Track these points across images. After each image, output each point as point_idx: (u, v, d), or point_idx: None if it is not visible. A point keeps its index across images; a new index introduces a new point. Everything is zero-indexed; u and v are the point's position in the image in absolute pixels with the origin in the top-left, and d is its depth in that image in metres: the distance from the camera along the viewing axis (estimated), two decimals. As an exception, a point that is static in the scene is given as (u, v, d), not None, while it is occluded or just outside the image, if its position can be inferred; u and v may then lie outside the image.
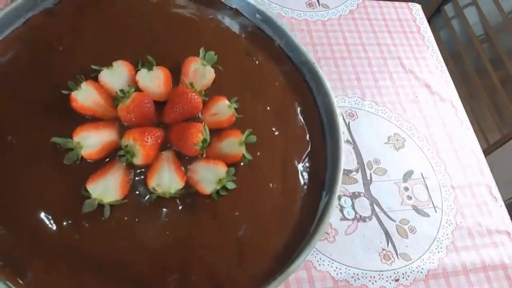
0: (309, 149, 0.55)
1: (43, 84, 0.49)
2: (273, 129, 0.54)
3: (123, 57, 0.50)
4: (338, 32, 0.85)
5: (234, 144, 0.48)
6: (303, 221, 0.50)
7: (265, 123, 0.54)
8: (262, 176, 0.51)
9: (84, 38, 0.53)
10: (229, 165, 0.47)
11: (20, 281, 0.41)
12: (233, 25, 0.60)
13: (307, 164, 0.54)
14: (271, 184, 0.51)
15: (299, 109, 0.57)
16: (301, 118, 0.56)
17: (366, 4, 0.90)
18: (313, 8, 0.87)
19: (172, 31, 0.56)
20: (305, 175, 0.53)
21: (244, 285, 0.46)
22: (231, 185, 0.47)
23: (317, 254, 0.62)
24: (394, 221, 0.68)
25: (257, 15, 0.60)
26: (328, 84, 0.57)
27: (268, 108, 0.55)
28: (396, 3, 0.92)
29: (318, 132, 0.56)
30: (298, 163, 0.53)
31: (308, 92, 0.58)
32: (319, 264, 0.62)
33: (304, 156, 0.54)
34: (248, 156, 0.49)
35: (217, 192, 0.47)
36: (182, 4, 0.59)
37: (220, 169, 0.47)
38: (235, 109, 0.51)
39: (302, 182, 0.52)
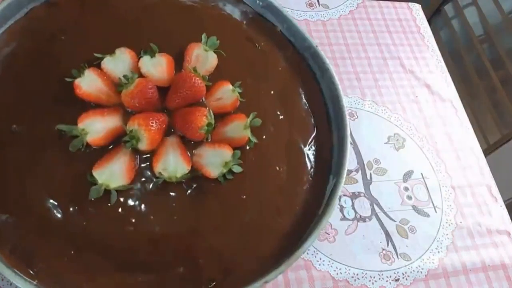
0: (314, 133, 0.55)
1: (46, 73, 0.49)
2: (278, 112, 0.54)
3: (126, 45, 0.51)
4: (338, 32, 0.85)
5: (239, 128, 0.49)
6: (311, 203, 0.50)
7: (269, 107, 0.54)
8: (268, 159, 0.51)
9: (86, 28, 0.53)
10: (234, 149, 0.47)
11: (29, 270, 0.42)
12: (235, 12, 0.60)
13: (313, 148, 0.54)
14: (277, 167, 0.51)
15: (303, 93, 0.57)
16: (306, 102, 0.56)
17: (366, 4, 0.90)
18: (313, 8, 0.87)
19: (174, 19, 0.56)
20: (312, 158, 0.53)
21: (252, 268, 0.45)
22: (237, 169, 0.47)
23: (317, 254, 0.62)
24: (394, 221, 0.68)
25: (258, 1, 0.60)
26: (332, 68, 0.57)
27: (272, 92, 0.55)
28: (396, 3, 0.92)
29: (323, 116, 0.56)
30: (304, 146, 0.53)
31: (312, 77, 0.58)
32: (319, 264, 0.62)
33: (310, 140, 0.54)
34: (254, 140, 0.49)
35: (223, 175, 0.47)
36: None
37: (226, 153, 0.47)
38: (239, 93, 0.51)
39: (308, 165, 0.52)
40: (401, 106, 0.79)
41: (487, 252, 0.68)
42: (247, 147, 0.49)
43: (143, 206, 0.45)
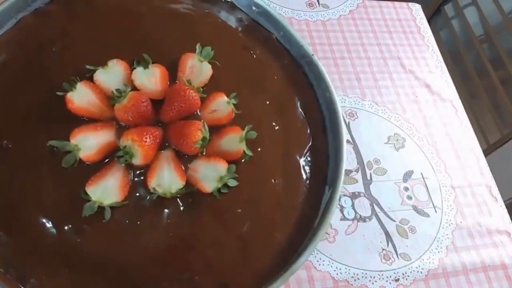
0: (310, 143, 0.54)
1: (37, 86, 0.48)
2: (273, 123, 0.53)
3: (118, 56, 0.49)
4: (338, 32, 0.85)
5: (234, 141, 0.48)
6: (307, 215, 0.50)
7: (265, 118, 0.53)
8: (263, 172, 0.50)
9: (77, 38, 0.52)
10: (229, 162, 0.47)
11: None
12: (230, 19, 0.59)
13: (308, 159, 0.53)
14: (273, 180, 0.50)
15: (299, 103, 0.56)
16: (302, 112, 0.56)
17: (366, 4, 0.90)
18: (313, 8, 0.86)
19: (168, 28, 0.55)
20: (307, 169, 0.52)
21: (249, 282, 0.45)
22: (232, 182, 0.46)
23: (317, 254, 0.62)
24: (394, 221, 0.68)
25: (254, 8, 0.59)
26: (328, 77, 0.56)
27: (268, 102, 0.54)
28: (396, 3, 0.92)
29: (319, 126, 0.55)
30: (300, 157, 0.53)
31: (308, 86, 0.57)
32: (319, 264, 0.62)
33: (305, 151, 0.53)
34: (249, 153, 0.48)
35: (219, 190, 0.46)
36: None
37: (221, 167, 0.46)
38: (234, 104, 0.50)
39: (304, 176, 0.52)
40: (401, 106, 0.79)
41: (487, 252, 0.68)
42: (242, 160, 0.49)
43: (137, 223, 0.45)
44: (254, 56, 0.57)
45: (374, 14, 0.89)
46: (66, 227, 0.43)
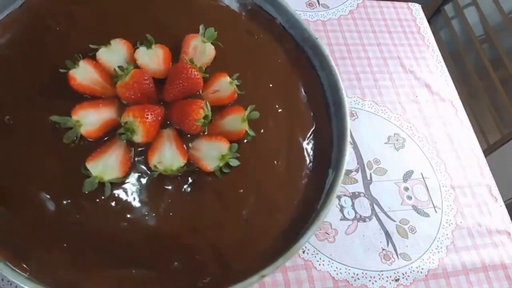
0: (313, 126, 0.54)
1: (41, 64, 0.49)
2: (276, 106, 0.53)
3: (122, 37, 0.50)
4: (338, 32, 0.85)
5: (236, 121, 0.48)
6: (309, 198, 0.49)
7: (268, 100, 0.53)
8: (266, 153, 0.50)
9: (81, 19, 0.52)
10: (232, 142, 0.47)
11: (22, 264, 0.41)
12: (233, 4, 0.59)
13: (312, 142, 0.53)
14: (275, 161, 0.50)
15: (302, 86, 0.56)
16: (305, 96, 0.55)
17: (366, 4, 0.90)
18: (313, 8, 0.87)
19: (171, 10, 0.55)
20: (311, 152, 0.52)
21: (249, 264, 0.45)
22: (234, 162, 0.46)
23: (317, 254, 0.62)
24: (394, 221, 0.68)
25: None
26: (332, 60, 0.56)
27: (271, 85, 0.54)
28: (396, 3, 0.92)
29: (323, 110, 0.55)
30: (303, 140, 0.52)
31: (311, 69, 0.57)
32: (319, 264, 0.62)
33: (309, 134, 0.53)
34: (251, 133, 0.48)
35: (220, 169, 0.46)
36: None
37: (223, 145, 0.46)
38: (237, 86, 0.50)
39: (307, 159, 0.52)
40: (401, 106, 0.79)
41: (487, 252, 0.68)
42: (245, 141, 0.49)
43: (138, 201, 0.45)
44: (258, 39, 0.57)
45: (374, 14, 0.89)
46: (65, 203, 0.43)
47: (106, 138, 0.46)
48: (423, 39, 0.89)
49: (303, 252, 0.62)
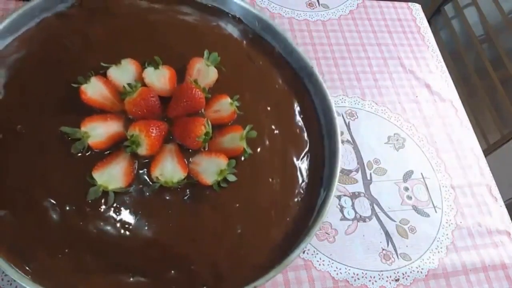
0: (307, 147, 0.57)
1: (54, 79, 0.51)
2: (273, 127, 0.56)
3: (131, 57, 0.52)
4: (338, 32, 0.85)
5: (235, 139, 0.50)
6: (302, 215, 0.52)
7: (265, 122, 0.56)
8: (262, 170, 0.53)
9: (94, 40, 0.55)
10: (230, 159, 0.49)
11: (26, 267, 0.43)
12: (235, 32, 0.63)
13: (305, 162, 0.56)
14: (270, 179, 0.52)
15: (298, 110, 0.59)
16: (300, 119, 0.59)
17: (366, 4, 0.90)
18: (313, 8, 0.87)
19: (178, 36, 0.59)
20: (304, 172, 0.55)
21: (243, 275, 0.47)
22: (231, 178, 0.49)
23: (317, 254, 0.62)
24: (394, 221, 0.68)
25: (257, 23, 0.63)
26: (325, 87, 0.59)
27: (268, 108, 0.57)
28: (396, 3, 0.92)
29: (316, 132, 0.58)
30: (297, 160, 0.55)
31: (306, 95, 0.61)
32: (319, 264, 0.62)
33: (302, 154, 0.56)
34: (249, 150, 0.50)
35: (218, 183, 0.48)
36: (187, 12, 0.62)
37: (221, 161, 0.48)
38: (237, 107, 0.52)
39: (300, 178, 0.54)
40: (401, 106, 0.79)
41: (487, 252, 0.68)
42: (242, 158, 0.51)
43: (139, 211, 0.47)
44: (257, 65, 0.60)
45: (374, 14, 0.89)
46: (69, 209, 0.45)
47: (111, 151, 0.48)
48: (423, 39, 0.89)
49: (303, 252, 0.62)
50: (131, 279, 0.45)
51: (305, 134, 0.58)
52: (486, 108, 1.41)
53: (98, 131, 0.47)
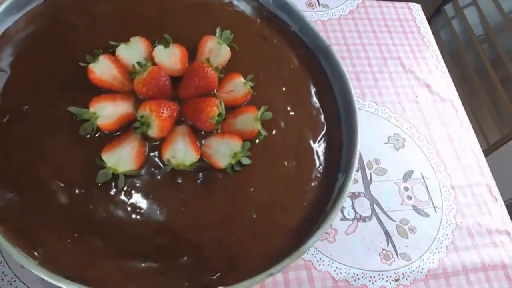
0: (324, 130, 0.54)
1: (61, 57, 0.50)
2: (288, 108, 0.54)
3: (141, 35, 0.51)
4: (338, 32, 0.85)
5: (249, 120, 0.48)
6: (318, 200, 0.50)
7: (280, 103, 0.54)
8: (277, 154, 0.51)
9: (103, 18, 0.53)
10: (244, 141, 0.47)
11: (34, 251, 0.41)
12: (248, 10, 0.60)
13: (322, 145, 0.53)
14: (286, 162, 0.50)
15: (314, 91, 0.57)
16: (316, 100, 0.56)
17: (366, 4, 0.90)
18: (313, 8, 0.87)
19: (189, 14, 0.57)
20: (321, 155, 0.53)
21: (257, 261, 0.45)
22: (246, 161, 0.47)
23: (317, 254, 0.62)
24: (394, 221, 0.68)
25: (271, 1, 0.61)
26: (343, 66, 0.57)
27: (284, 89, 0.55)
28: (396, 3, 0.92)
29: (333, 115, 0.56)
30: (313, 143, 0.53)
31: (323, 75, 0.58)
32: (319, 264, 0.62)
33: (319, 137, 0.54)
34: (264, 132, 0.49)
35: (232, 167, 0.46)
36: None
37: (235, 143, 0.47)
38: (251, 87, 0.51)
39: (317, 162, 0.52)
40: (401, 106, 0.79)
41: (487, 252, 0.68)
42: (257, 141, 0.49)
43: (150, 195, 0.45)
44: (272, 44, 0.58)
45: (374, 14, 0.89)
46: (78, 192, 0.43)
47: (120, 133, 0.46)
48: (423, 39, 0.89)
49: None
50: (143, 264, 0.43)
51: (322, 116, 0.55)
52: (486, 108, 1.41)
53: (107, 112, 0.45)
